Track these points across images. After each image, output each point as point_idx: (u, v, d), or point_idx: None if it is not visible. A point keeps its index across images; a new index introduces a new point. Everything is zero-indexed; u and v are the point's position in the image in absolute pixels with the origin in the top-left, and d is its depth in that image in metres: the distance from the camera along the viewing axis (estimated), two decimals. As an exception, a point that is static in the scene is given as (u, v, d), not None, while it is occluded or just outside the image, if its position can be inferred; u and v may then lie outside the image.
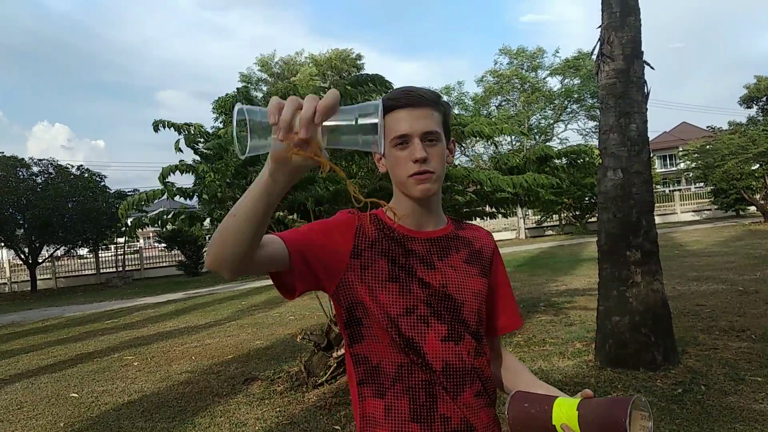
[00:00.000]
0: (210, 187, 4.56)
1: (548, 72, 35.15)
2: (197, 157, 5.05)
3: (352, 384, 1.23)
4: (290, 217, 5.48)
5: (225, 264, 0.97)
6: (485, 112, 33.86)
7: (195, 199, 5.15)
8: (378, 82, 4.66)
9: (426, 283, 1.16)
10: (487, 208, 6.24)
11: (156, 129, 4.65)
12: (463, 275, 1.21)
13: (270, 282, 1.21)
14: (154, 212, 5.56)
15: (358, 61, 35.96)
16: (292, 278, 1.11)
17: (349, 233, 1.18)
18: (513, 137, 28.79)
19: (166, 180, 4.57)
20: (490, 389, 1.23)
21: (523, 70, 34.90)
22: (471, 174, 4.72)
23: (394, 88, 4.81)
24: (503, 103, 35.82)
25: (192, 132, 4.59)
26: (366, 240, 1.18)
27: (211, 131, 5.19)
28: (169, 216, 5.20)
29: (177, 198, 5.11)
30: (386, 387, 1.16)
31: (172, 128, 4.68)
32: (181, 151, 4.71)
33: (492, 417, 1.22)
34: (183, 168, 4.64)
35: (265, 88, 33.46)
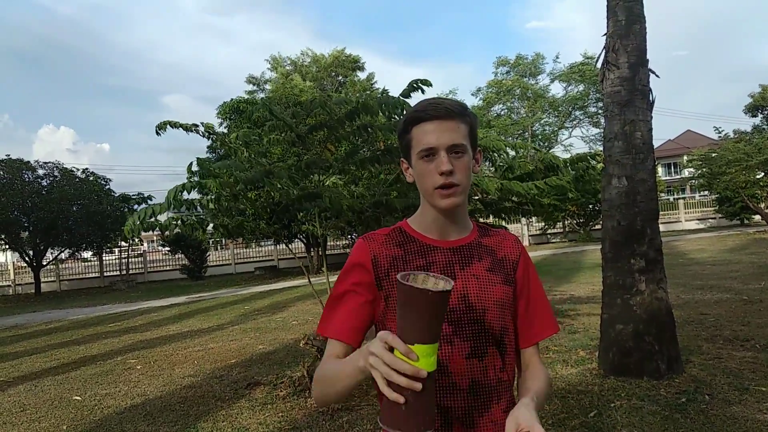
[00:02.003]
0: (217, 200, 4.56)
1: (550, 79, 35.26)
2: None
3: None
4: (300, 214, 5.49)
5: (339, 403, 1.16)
6: (485, 119, 33.96)
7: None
8: (405, 107, 4.51)
9: None
10: (491, 219, 6.22)
11: (158, 132, 4.63)
12: (485, 283, 1.21)
13: (273, 287, 1.24)
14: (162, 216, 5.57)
15: (357, 63, 35.97)
16: None
17: (367, 271, 1.22)
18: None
19: (174, 198, 4.54)
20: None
21: (525, 78, 35.00)
22: (480, 183, 4.70)
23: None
24: (504, 111, 35.92)
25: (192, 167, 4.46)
26: (382, 268, 1.21)
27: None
28: (177, 222, 5.21)
29: (183, 208, 5.11)
30: None
31: (180, 128, 4.66)
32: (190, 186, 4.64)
33: None
34: (190, 187, 4.62)
35: (268, 87, 33.60)
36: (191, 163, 4.61)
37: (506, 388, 1.20)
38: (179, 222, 5.04)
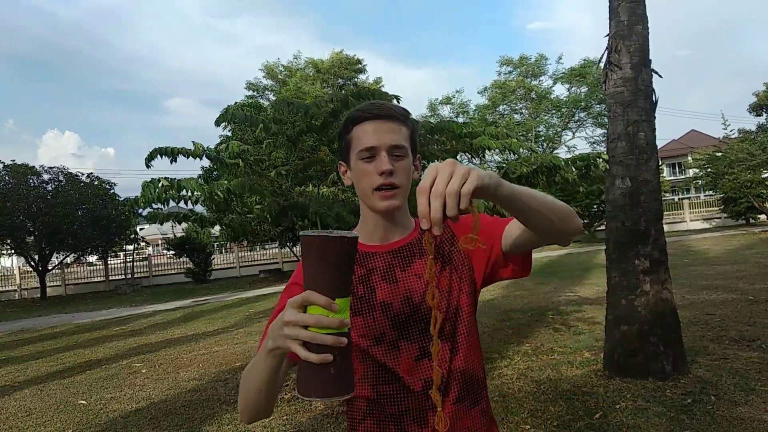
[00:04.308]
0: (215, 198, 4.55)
1: (552, 80, 35.24)
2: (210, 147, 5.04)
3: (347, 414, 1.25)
4: (300, 222, 5.50)
5: (265, 415, 1.07)
6: (491, 119, 33.94)
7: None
8: (378, 96, 4.68)
9: (388, 304, 1.15)
10: None
11: (148, 165, 4.61)
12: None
13: (277, 289, 1.21)
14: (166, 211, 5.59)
15: (358, 65, 36.07)
16: None
17: None
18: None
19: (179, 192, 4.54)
20: (472, 388, 1.19)
21: (528, 79, 34.98)
22: None
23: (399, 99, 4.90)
24: (508, 112, 35.89)
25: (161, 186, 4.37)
26: None
27: (219, 138, 5.24)
28: (181, 216, 5.23)
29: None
30: (358, 421, 1.18)
31: (167, 156, 4.61)
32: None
33: (476, 418, 1.19)
34: (198, 186, 4.61)
35: (272, 96, 33.70)
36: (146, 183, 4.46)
37: (457, 378, 1.16)
38: (184, 214, 5.05)
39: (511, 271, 1.24)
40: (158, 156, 4.64)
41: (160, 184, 4.30)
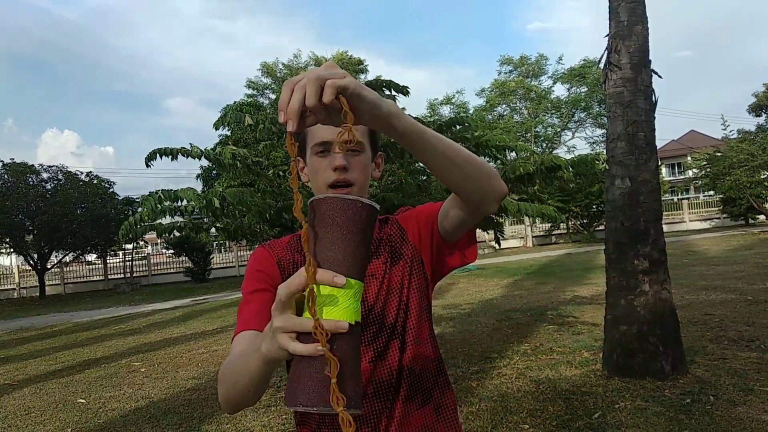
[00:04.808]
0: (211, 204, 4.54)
1: (552, 80, 35.28)
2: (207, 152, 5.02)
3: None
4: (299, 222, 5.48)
5: (249, 405, 0.98)
6: (489, 118, 33.96)
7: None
8: (393, 88, 4.68)
9: None
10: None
11: (148, 164, 4.59)
12: (382, 278, 1.15)
13: None
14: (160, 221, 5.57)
15: (360, 65, 36.09)
16: None
17: (274, 271, 1.16)
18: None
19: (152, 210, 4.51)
20: (421, 386, 1.16)
21: (528, 79, 35.01)
22: None
23: (409, 92, 4.85)
24: (507, 112, 35.92)
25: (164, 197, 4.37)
26: (286, 271, 1.15)
27: (218, 137, 5.23)
28: (176, 225, 5.22)
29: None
30: (314, 429, 1.15)
31: (168, 156, 4.60)
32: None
33: (428, 415, 1.16)
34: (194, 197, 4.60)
35: (272, 96, 33.72)
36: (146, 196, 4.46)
37: (405, 376, 1.12)
38: (179, 225, 5.04)
39: (457, 257, 1.18)
40: (157, 156, 4.64)
41: (158, 196, 4.31)
